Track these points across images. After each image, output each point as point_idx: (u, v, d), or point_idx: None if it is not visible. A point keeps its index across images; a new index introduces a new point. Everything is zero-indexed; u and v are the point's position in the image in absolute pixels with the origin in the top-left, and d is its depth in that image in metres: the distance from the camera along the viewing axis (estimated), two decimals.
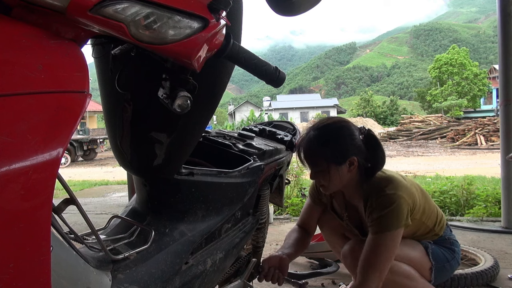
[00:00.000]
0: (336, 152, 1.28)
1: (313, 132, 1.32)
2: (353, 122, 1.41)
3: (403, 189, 1.30)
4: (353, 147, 1.29)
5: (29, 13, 0.53)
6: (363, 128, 1.35)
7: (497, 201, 3.52)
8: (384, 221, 1.25)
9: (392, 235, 1.25)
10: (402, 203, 1.27)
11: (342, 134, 1.30)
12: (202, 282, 0.99)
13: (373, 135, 1.34)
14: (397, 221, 1.25)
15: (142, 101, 0.85)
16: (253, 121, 26.38)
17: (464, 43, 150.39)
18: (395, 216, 1.25)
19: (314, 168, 1.34)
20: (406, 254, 1.40)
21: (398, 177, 1.36)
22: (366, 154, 1.30)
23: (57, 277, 0.60)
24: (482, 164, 9.01)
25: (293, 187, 4.23)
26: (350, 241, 1.46)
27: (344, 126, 1.32)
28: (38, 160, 0.47)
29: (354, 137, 1.30)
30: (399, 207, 1.26)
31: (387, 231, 1.25)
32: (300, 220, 1.65)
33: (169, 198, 0.97)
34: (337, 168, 1.28)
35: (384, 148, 1.35)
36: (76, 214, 0.78)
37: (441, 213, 1.50)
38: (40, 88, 0.49)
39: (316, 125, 1.35)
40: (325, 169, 1.30)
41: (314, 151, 1.31)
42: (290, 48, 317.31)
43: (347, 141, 1.29)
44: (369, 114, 46.39)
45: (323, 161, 1.30)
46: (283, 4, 0.98)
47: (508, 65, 3.11)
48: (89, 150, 15.73)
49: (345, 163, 1.28)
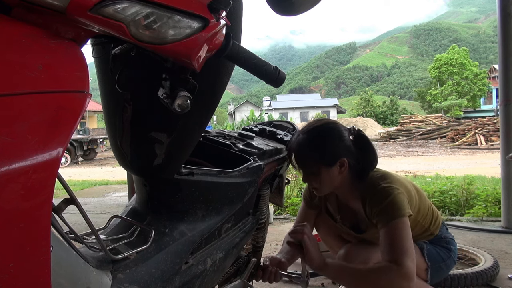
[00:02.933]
0: (326, 154, 1.28)
1: (302, 135, 1.32)
2: (353, 122, 1.43)
3: (398, 183, 1.30)
4: (343, 149, 1.29)
5: (29, 13, 0.53)
6: (353, 129, 1.35)
7: (497, 201, 3.52)
8: (387, 212, 1.23)
9: (401, 221, 1.21)
10: (399, 193, 1.26)
11: (331, 136, 1.30)
12: (202, 282, 0.99)
13: (363, 136, 1.34)
14: (399, 210, 1.22)
15: (142, 101, 0.85)
16: (253, 121, 26.37)
17: (464, 43, 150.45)
18: (396, 206, 1.23)
19: (305, 170, 1.34)
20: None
21: (392, 173, 1.37)
22: (357, 155, 1.30)
23: (57, 277, 0.60)
24: (482, 164, 9.02)
25: (293, 187, 4.23)
26: (345, 245, 1.46)
27: (333, 128, 1.32)
28: (38, 160, 0.47)
29: (344, 138, 1.30)
30: (397, 197, 1.24)
31: (393, 219, 1.21)
32: (296, 223, 1.65)
33: (169, 198, 0.97)
34: (328, 170, 1.29)
35: (379, 148, 1.36)
36: (76, 214, 0.78)
37: (436, 212, 1.50)
38: (40, 88, 0.49)
39: (305, 128, 1.35)
40: (316, 172, 1.30)
41: (304, 154, 1.31)
42: (290, 48, 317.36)
43: (336, 143, 1.29)
44: (369, 114, 46.40)
45: (313, 163, 1.30)
46: (283, 4, 0.98)
47: (508, 65, 3.11)
48: (89, 150, 15.74)
49: (336, 165, 1.28)
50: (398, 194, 1.26)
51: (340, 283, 1.43)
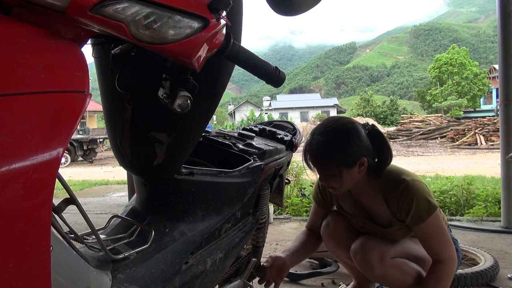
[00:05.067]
0: (347, 156, 1.27)
1: (320, 137, 1.30)
2: None
3: (414, 175, 1.37)
4: (362, 148, 1.28)
5: (29, 13, 0.53)
6: (367, 124, 1.35)
7: (497, 201, 3.52)
8: (419, 211, 1.28)
9: (435, 216, 1.29)
10: (422, 186, 1.32)
11: (350, 138, 1.28)
12: (202, 282, 0.99)
13: (377, 131, 1.35)
14: (429, 205, 1.29)
15: (142, 101, 0.85)
16: (253, 121, 26.37)
17: (464, 43, 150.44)
18: (427, 201, 1.29)
19: (324, 172, 1.33)
20: (417, 253, 1.41)
21: (403, 168, 1.42)
22: (373, 151, 1.31)
23: (57, 276, 0.60)
24: (482, 164, 9.02)
25: (293, 187, 4.22)
26: (358, 238, 1.45)
27: (351, 129, 1.30)
28: (38, 160, 0.47)
29: (362, 138, 1.29)
30: (422, 190, 1.31)
31: (428, 217, 1.28)
32: (308, 222, 1.67)
33: (169, 198, 0.97)
34: (348, 171, 1.28)
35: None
36: (76, 214, 0.78)
37: (442, 213, 1.50)
38: (40, 88, 0.49)
39: (321, 129, 1.32)
40: (336, 173, 1.29)
41: (323, 156, 1.30)
42: (290, 47, 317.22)
43: (356, 143, 1.28)
44: (369, 114, 46.40)
45: (334, 166, 1.28)
46: (283, 4, 0.98)
47: (508, 65, 3.11)
48: (89, 150, 15.73)
49: (356, 165, 1.28)
50: (421, 187, 1.31)
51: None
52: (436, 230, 1.30)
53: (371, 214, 1.45)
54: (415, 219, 1.29)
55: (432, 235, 1.30)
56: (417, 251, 1.41)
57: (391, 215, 1.37)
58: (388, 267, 1.35)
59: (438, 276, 1.30)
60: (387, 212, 1.37)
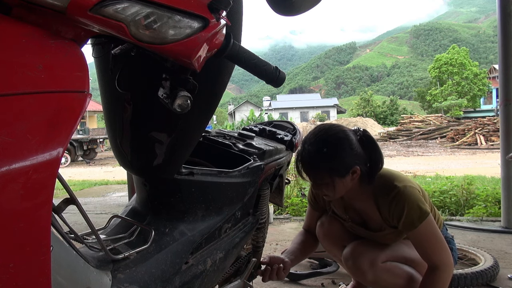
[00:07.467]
0: (339, 166, 1.26)
1: (311, 148, 1.28)
2: (353, 122, 1.43)
3: (407, 181, 1.34)
4: (354, 157, 1.27)
5: (29, 13, 0.53)
6: (358, 130, 1.33)
7: (497, 201, 3.52)
8: (411, 217, 1.27)
9: (427, 222, 1.27)
10: (414, 192, 1.30)
11: (342, 147, 1.26)
12: (202, 282, 0.99)
13: (369, 136, 1.33)
14: (420, 211, 1.27)
15: (142, 101, 0.85)
16: (253, 121, 26.36)
17: (464, 43, 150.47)
18: (418, 207, 1.27)
19: (317, 181, 1.32)
20: (408, 255, 1.41)
21: (397, 172, 1.39)
22: (365, 157, 1.30)
23: (57, 276, 0.60)
24: (482, 164, 9.01)
25: (293, 187, 4.22)
26: (349, 244, 1.46)
27: (342, 138, 1.28)
28: (38, 160, 0.47)
29: (353, 146, 1.27)
30: (414, 197, 1.28)
31: (420, 223, 1.27)
32: (305, 223, 1.68)
33: (169, 198, 0.97)
34: (341, 179, 1.27)
35: (383, 148, 1.36)
36: (76, 214, 0.78)
37: (438, 212, 1.51)
38: (40, 88, 0.49)
39: (312, 139, 1.30)
40: (328, 182, 1.29)
41: (315, 167, 1.29)
42: (290, 47, 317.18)
43: (347, 153, 1.26)
44: (369, 114, 46.41)
45: (327, 175, 1.27)
46: (283, 4, 0.98)
47: (508, 65, 3.11)
48: (89, 150, 15.74)
49: (349, 174, 1.27)
50: (413, 193, 1.29)
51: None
52: (429, 236, 1.28)
53: (364, 218, 1.45)
54: (407, 225, 1.28)
55: (426, 240, 1.28)
56: (408, 253, 1.40)
57: (381, 220, 1.36)
58: (380, 271, 1.35)
59: (433, 283, 1.28)
60: (379, 217, 1.37)
